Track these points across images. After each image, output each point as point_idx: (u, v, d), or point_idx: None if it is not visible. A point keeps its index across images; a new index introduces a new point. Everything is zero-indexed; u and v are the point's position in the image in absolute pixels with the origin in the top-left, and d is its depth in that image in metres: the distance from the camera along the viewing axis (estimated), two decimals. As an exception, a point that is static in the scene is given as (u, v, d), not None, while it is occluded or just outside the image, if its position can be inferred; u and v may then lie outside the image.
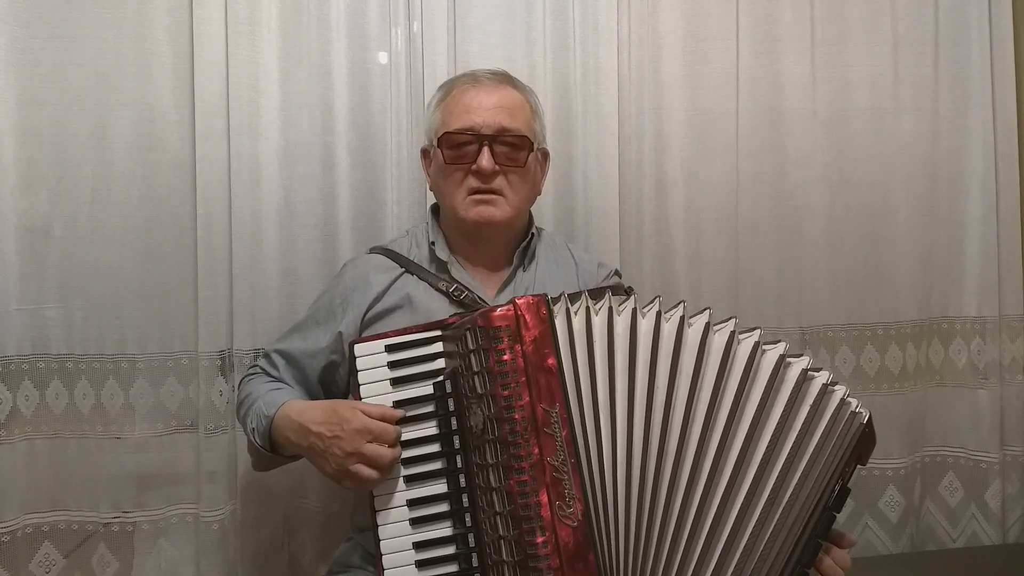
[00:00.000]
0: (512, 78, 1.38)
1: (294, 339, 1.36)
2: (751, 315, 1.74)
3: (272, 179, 1.56)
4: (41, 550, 1.48)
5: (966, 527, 1.85)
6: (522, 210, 1.35)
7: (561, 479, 1.02)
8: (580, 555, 1.02)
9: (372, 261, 1.37)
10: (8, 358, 1.45)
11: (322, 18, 1.57)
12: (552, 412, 1.04)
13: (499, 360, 1.05)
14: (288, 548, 1.59)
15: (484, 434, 1.06)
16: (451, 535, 1.09)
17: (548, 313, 1.06)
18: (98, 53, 1.48)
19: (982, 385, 1.83)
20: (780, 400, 1.05)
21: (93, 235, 1.49)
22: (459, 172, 1.30)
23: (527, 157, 1.32)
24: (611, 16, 1.67)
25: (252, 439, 1.26)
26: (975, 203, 1.83)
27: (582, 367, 1.06)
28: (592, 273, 1.42)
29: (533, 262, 1.37)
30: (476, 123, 1.28)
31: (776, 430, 1.05)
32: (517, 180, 1.31)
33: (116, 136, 1.50)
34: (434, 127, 1.34)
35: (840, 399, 1.06)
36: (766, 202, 1.76)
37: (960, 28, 1.82)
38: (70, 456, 1.49)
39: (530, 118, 1.34)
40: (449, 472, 1.10)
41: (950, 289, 1.85)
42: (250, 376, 1.39)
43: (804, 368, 1.06)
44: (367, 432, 1.09)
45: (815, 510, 1.05)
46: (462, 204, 1.30)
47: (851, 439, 1.06)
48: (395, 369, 1.14)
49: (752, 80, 1.74)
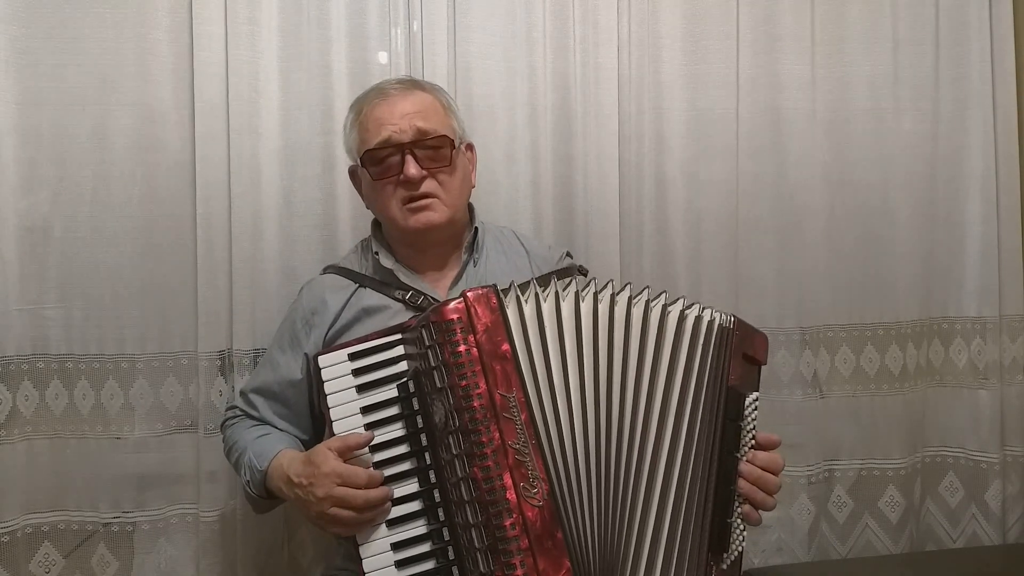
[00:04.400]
0: (419, 81, 1.38)
1: (266, 373, 1.36)
2: (751, 315, 1.71)
3: (272, 179, 1.56)
4: (41, 550, 1.48)
5: (966, 527, 1.85)
6: (459, 207, 1.35)
7: (524, 461, 1.06)
8: (548, 533, 1.05)
9: (326, 281, 1.37)
10: (8, 358, 1.45)
11: (322, 18, 1.57)
12: (510, 397, 1.07)
13: (454, 352, 1.08)
14: (288, 548, 1.59)
15: (447, 427, 1.08)
16: (426, 532, 1.10)
17: (499, 302, 1.10)
18: (98, 53, 1.48)
19: (982, 385, 1.83)
20: (682, 349, 1.15)
21: (93, 235, 1.49)
22: (389, 185, 1.30)
23: (451, 155, 1.31)
24: (611, 16, 1.67)
25: (248, 490, 1.26)
26: (975, 203, 1.83)
27: (536, 351, 1.10)
28: (545, 257, 1.42)
29: (483, 256, 1.37)
30: (392, 134, 1.28)
31: (684, 376, 1.14)
32: (447, 179, 1.31)
33: (116, 136, 1.50)
34: (354, 147, 1.34)
35: (695, 317, 1.16)
36: (766, 202, 1.76)
37: (960, 28, 1.81)
38: (70, 456, 1.49)
39: (444, 116, 1.34)
40: (419, 471, 1.11)
41: (950, 289, 1.84)
42: (231, 421, 1.38)
43: (682, 311, 1.16)
44: (336, 476, 1.10)
45: (716, 426, 1.14)
46: (399, 215, 1.30)
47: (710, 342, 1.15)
48: (360, 376, 1.15)
49: (752, 80, 1.74)
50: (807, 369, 1.78)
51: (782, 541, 1.78)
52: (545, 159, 1.66)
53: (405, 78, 1.40)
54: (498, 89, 1.64)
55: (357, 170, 1.37)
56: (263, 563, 1.57)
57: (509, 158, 1.65)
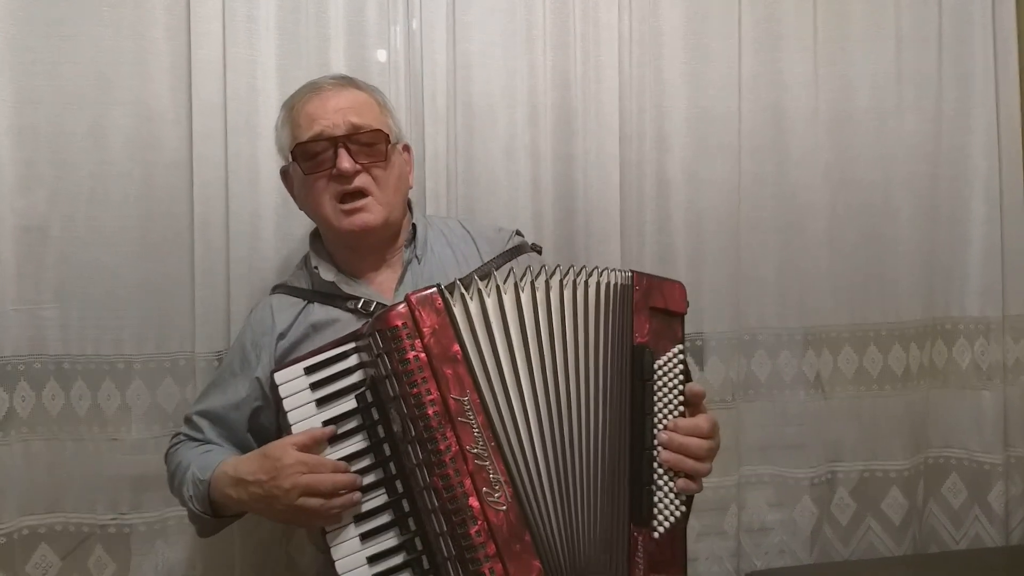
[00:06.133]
0: (354, 80, 1.35)
1: (214, 397, 1.32)
2: (752, 315, 1.74)
3: (270, 178, 1.54)
4: (38, 552, 1.48)
5: (969, 529, 1.84)
6: (395, 205, 1.30)
7: (484, 465, 1.04)
8: (516, 536, 1.04)
9: (274, 301, 1.34)
10: (4, 359, 1.45)
11: (320, 16, 1.57)
12: (464, 400, 1.06)
13: (403, 359, 1.06)
14: (286, 549, 1.58)
15: (405, 436, 1.07)
16: (399, 543, 1.08)
17: (444, 303, 1.08)
18: (95, 52, 1.48)
19: (985, 386, 1.82)
20: (589, 319, 1.13)
21: (90, 235, 1.49)
22: (321, 180, 1.26)
23: (386, 151, 1.28)
24: (612, 13, 1.66)
25: (191, 507, 1.21)
26: (979, 202, 1.82)
27: (486, 350, 1.08)
28: (492, 238, 1.38)
29: (426, 252, 1.34)
30: (325, 127, 1.25)
31: (596, 345, 1.12)
32: (382, 175, 1.27)
33: (113, 135, 1.49)
34: (286, 144, 1.31)
35: (595, 284, 1.14)
36: (768, 201, 1.75)
37: (963, 26, 1.80)
38: (66, 458, 1.49)
39: (379, 113, 1.31)
40: (387, 481, 1.09)
41: (953, 289, 1.83)
42: (175, 446, 1.33)
43: (585, 280, 1.14)
44: (301, 465, 1.08)
45: (624, 388, 1.12)
46: (333, 215, 1.26)
47: (610, 303, 1.13)
48: (317, 390, 1.12)
49: (754, 78, 1.73)
50: (809, 370, 1.77)
51: (784, 543, 1.77)
52: (545, 158, 1.65)
53: (340, 75, 1.37)
54: (498, 87, 1.63)
55: (289, 169, 1.34)
56: (261, 564, 1.56)
57: (509, 157, 1.64)
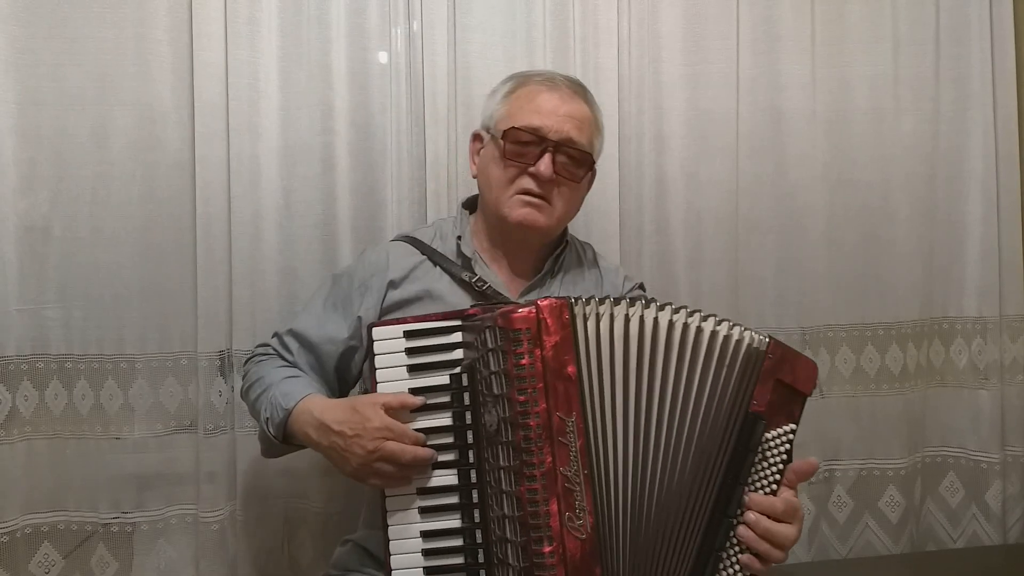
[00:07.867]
0: (587, 91, 1.35)
1: (309, 321, 1.33)
2: (751, 315, 1.74)
3: (272, 179, 1.55)
4: (40, 550, 1.48)
5: (967, 527, 1.85)
6: (563, 221, 1.34)
7: (573, 490, 1.00)
8: (587, 568, 0.99)
9: (393, 247, 1.36)
10: (7, 358, 1.45)
11: (322, 17, 1.57)
12: (568, 421, 1.01)
13: (517, 364, 1.02)
14: (288, 549, 1.59)
15: (498, 435, 1.04)
16: (459, 527, 1.08)
17: (571, 318, 1.03)
18: (98, 53, 1.48)
19: (983, 385, 1.83)
20: (707, 368, 1.06)
21: (93, 235, 1.49)
22: (514, 169, 1.27)
23: (584, 174, 1.31)
24: (611, 16, 1.67)
25: (265, 428, 1.22)
26: (975, 203, 1.83)
27: (595, 375, 1.04)
28: (616, 285, 1.40)
29: (560, 272, 1.36)
30: (546, 125, 1.26)
31: (698, 398, 1.06)
32: (568, 193, 1.30)
33: (116, 136, 1.49)
34: (497, 117, 1.31)
35: (723, 336, 1.05)
36: (766, 202, 1.76)
37: (961, 27, 1.81)
38: (69, 456, 1.49)
39: (594, 136, 1.33)
40: (461, 465, 1.09)
41: (951, 289, 1.84)
42: (261, 358, 1.35)
43: (713, 330, 1.06)
44: (387, 430, 1.08)
45: (725, 452, 1.04)
46: (508, 201, 1.28)
47: (735, 363, 1.05)
48: (412, 356, 1.12)
49: (752, 80, 1.74)
50: (807, 369, 1.78)
51: (782, 541, 1.77)
52: (545, 158, 1.65)
53: (576, 80, 1.37)
54: (498, 89, 1.64)
55: (484, 137, 1.34)
56: (263, 564, 1.56)
57: (509, 158, 1.65)
